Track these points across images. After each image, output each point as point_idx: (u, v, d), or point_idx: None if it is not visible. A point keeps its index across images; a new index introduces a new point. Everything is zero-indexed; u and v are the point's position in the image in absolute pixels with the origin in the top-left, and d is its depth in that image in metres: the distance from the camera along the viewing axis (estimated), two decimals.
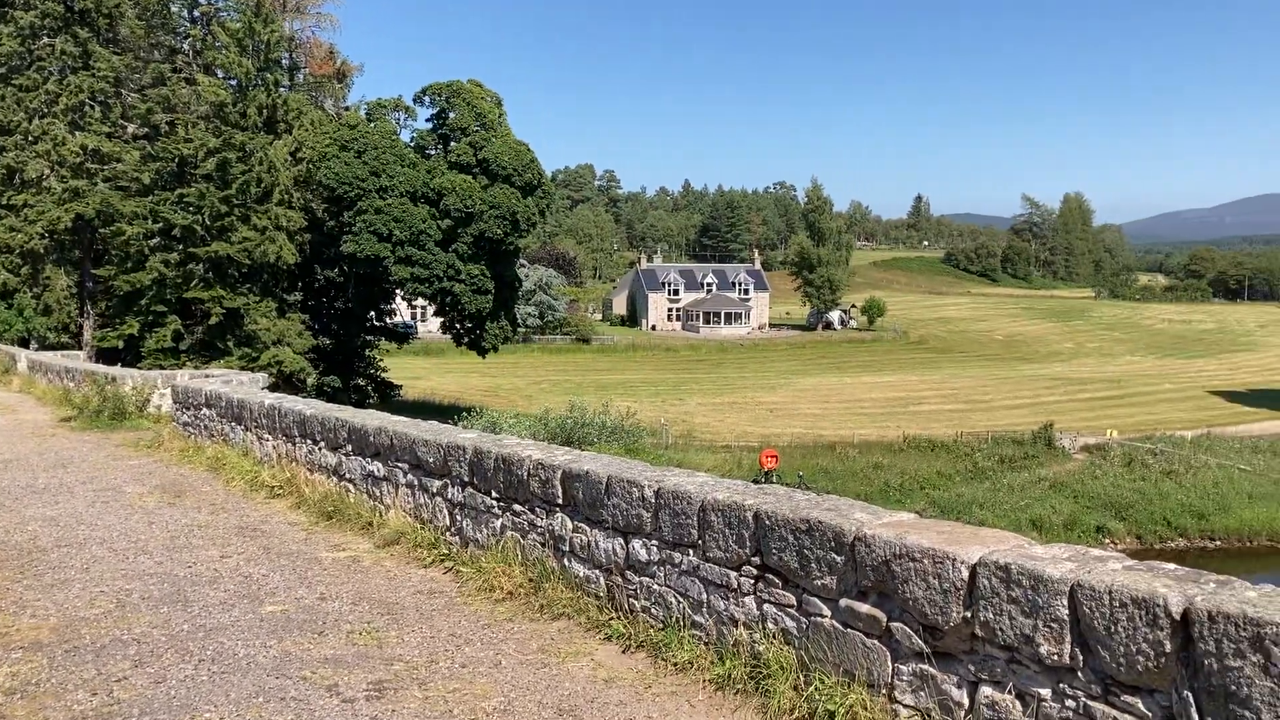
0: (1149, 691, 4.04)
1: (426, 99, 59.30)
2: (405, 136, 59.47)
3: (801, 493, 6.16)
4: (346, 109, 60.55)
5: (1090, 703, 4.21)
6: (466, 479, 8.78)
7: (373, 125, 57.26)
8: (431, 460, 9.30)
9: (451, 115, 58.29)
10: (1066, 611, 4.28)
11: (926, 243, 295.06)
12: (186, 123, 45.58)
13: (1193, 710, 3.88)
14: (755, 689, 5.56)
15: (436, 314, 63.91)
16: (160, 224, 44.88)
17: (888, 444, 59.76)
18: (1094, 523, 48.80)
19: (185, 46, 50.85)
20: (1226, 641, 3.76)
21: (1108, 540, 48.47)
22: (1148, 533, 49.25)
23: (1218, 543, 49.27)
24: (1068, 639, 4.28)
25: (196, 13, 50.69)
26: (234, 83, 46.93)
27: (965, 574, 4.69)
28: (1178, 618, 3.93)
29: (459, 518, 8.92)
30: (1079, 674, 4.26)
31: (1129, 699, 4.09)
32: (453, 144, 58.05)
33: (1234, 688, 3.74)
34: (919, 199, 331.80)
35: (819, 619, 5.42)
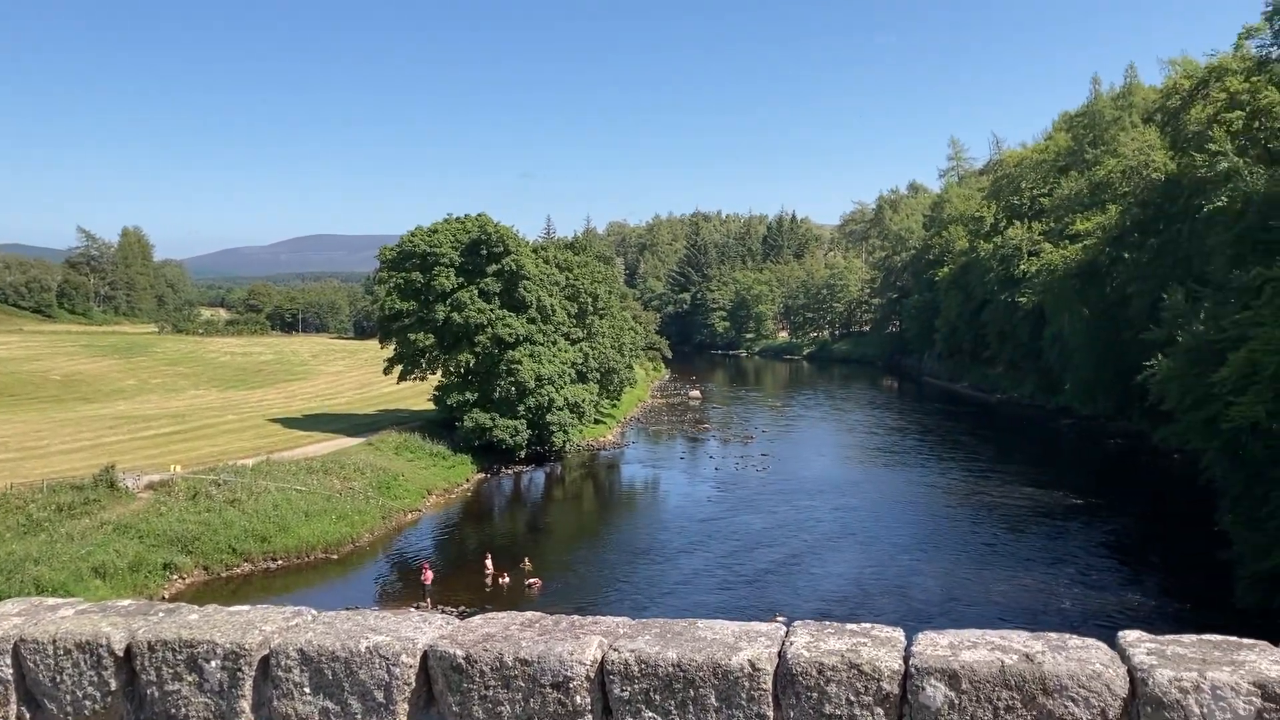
0: None
1: None
2: None
3: None
4: None
5: None
6: None
7: None
8: None
9: None
10: (11, 670, 4.06)
11: None
12: None
13: None
14: None
15: None
16: None
17: None
18: (161, 560, 48.26)
19: None
20: (166, 667, 3.92)
21: (176, 576, 48.42)
22: (215, 562, 50.33)
23: (280, 561, 52.40)
24: (14, 699, 4.07)
25: None
26: None
27: None
28: (121, 654, 3.98)
29: None
30: None
31: None
32: None
33: (174, 710, 3.91)
34: None
35: None
